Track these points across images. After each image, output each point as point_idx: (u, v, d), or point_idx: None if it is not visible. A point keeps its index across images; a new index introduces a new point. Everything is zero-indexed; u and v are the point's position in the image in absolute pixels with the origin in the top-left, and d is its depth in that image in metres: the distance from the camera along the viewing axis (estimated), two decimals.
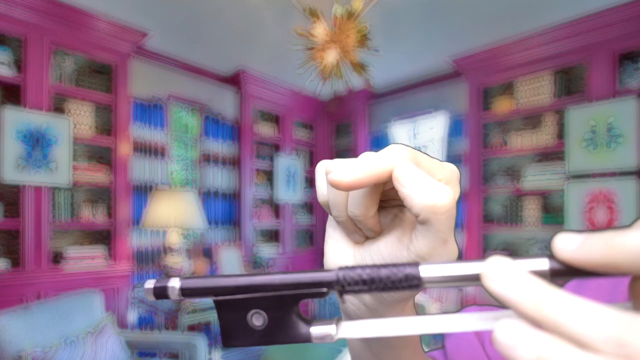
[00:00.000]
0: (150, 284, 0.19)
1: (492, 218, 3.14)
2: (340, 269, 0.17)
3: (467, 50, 3.02)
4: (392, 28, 2.69)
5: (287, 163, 3.90)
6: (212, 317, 2.44)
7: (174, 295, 0.19)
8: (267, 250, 3.74)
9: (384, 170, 0.20)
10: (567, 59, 2.68)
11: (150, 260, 3.00)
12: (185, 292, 0.18)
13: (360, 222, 0.24)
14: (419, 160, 0.21)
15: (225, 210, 3.56)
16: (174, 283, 0.18)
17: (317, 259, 4.22)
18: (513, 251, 3.02)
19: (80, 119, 2.57)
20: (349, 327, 0.18)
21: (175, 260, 2.65)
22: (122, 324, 2.53)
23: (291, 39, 2.24)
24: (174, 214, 2.53)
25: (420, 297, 3.12)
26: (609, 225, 2.42)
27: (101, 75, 2.70)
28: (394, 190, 0.21)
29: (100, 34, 2.58)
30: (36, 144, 2.30)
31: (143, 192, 2.95)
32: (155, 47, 2.98)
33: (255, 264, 3.52)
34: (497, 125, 3.12)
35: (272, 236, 3.96)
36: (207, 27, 2.73)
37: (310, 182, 4.31)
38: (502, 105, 3.00)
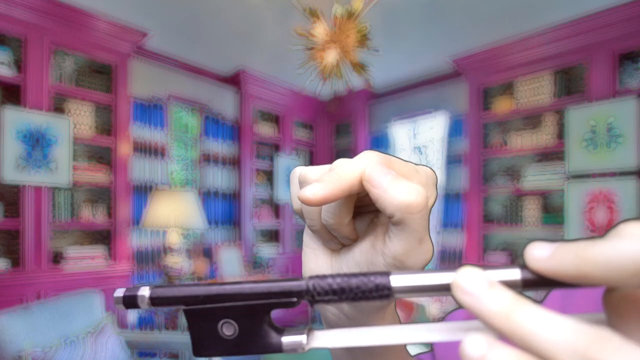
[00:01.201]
0: (119, 292, 0.19)
1: (492, 218, 3.14)
2: (311, 277, 0.17)
3: (467, 50, 3.02)
4: (392, 28, 2.69)
5: (287, 163, 3.90)
6: None
7: (143, 304, 0.18)
8: (267, 250, 3.74)
9: (355, 178, 0.20)
10: (567, 59, 2.68)
11: (150, 260, 3.00)
12: (155, 302, 0.18)
13: (335, 230, 0.23)
14: (392, 165, 0.21)
15: (225, 210, 3.56)
16: (144, 292, 0.18)
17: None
18: (513, 251, 3.03)
19: (80, 119, 2.57)
20: (322, 337, 0.17)
21: (175, 260, 2.65)
22: (122, 324, 2.53)
23: (291, 39, 2.24)
24: (174, 214, 2.53)
25: (421, 298, 3.12)
26: (609, 225, 2.42)
27: (101, 75, 2.70)
28: (369, 196, 0.20)
29: (100, 34, 2.58)
30: (36, 144, 2.30)
31: (143, 192, 2.95)
32: (155, 47, 2.98)
33: (255, 264, 3.53)
34: (497, 125, 3.12)
35: (272, 236, 3.96)
36: (207, 27, 2.73)
37: None
38: (502, 105, 3.00)
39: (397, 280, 0.16)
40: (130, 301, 0.18)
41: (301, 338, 0.17)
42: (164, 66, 3.13)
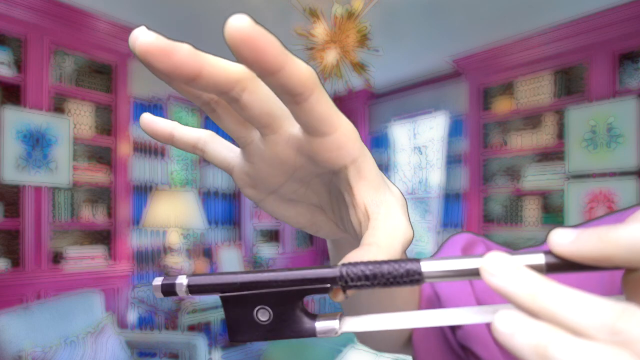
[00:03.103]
0: (158, 281, 0.19)
1: (492, 218, 3.14)
2: (344, 265, 0.18)
3: (467, 50, 3.02)
4: (392, 28, 2.69)
5: None
6: (212, 317, 2.44)
7: (181, 292, 0.19)
8: (267, 250, 3.74)
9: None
10: (567, 59, 2.68)
11: (150, 260, 3.00)
12: (193, 290, 0.19)
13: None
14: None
15: (225, 210, 3.56)
16: (182, 280, 0.19)
17: (317, 259, 4.22)
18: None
19: (80, 119, 2.57)
20: (352, 322, 0.18)
21: (175, 260, 2.65)
22: (122, 324, 2.53)
23: (291, 39, 2.24)
24: (174, 214, 2.54)
25: None
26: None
27: (101, 75, 2.70)
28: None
29: (100, 34, 2.58)
30: (36, 144, 2.30)
31: (143, 192, 2.95)
32: None
33: (255, 264, 3.52)
34: (497, 125, 3.12)
35: (272, 236, 3.96)
36: (207, 27, 2.73)
37: None
38: (502, 105, 3.00)
39: (428, 266, 0.17)
40: (168, 289, 0.19)
41: (334, 323, 0.18)
42: None
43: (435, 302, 0.36)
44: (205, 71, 0.18)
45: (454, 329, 0.36)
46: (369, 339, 0.40)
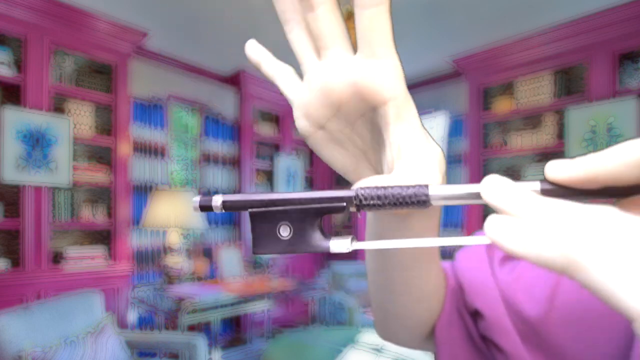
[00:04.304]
0: (196, 200, 0.22)
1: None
2: (360, 187, 0.19)
3: (467, 50, 3.02)
4: (392, 28, 2.68)
5: (287, 163, 3.90)
6: (212, 317, 2.44)
7: (217, 208, 0.21)
8: None
9: None
10: (567, 59, 2.68)
11: (150, 260, 3.00)
12: (227, 206, 0.21)
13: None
14: None
15: None
16: (217, 199, 0.21)
17: (317, 259, 4.22)
18: None
19: (80, 119, 2.57)
20: (362, 243, 0.21)
21: (175, 260, 2.65)
22: (122, 324, 2.53)
23: None
24: (174, 214, 2.53)
25: None
26: None
27: (101, 75, 2.70)
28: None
29: (100, 34, 2.58)
30: (36, 144, 2.30)
31: (143, 192, 2.95)
32: (155, 47, 2.98)
33: (256, 264, 3.53)
34: (497, 125, 3.12)
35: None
36: (207, 27, 2.73)
37: (311, 181, 4.31)
38: (502, 105, 3.00)
39: (435, 190, 0.18)
40: (205, 206, 0.22)
41: (346, 241, 0.20)
42: (164, 66, 3.13)
43: (459, 293, 0.38)
44: None
45: (476, 321, 0.36)
46: (392, 335, 0.41)
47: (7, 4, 2.19)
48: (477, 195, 0.17)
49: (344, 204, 0.20)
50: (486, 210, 3.15)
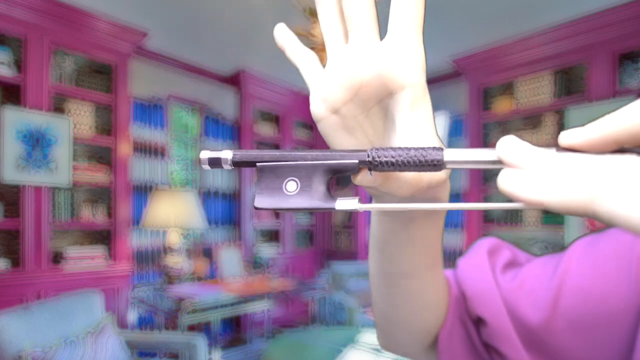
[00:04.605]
0: (205, 154, 0.21)
1: (492, 218, 3.14)
2: (373, 148, 0.19)
3: (467, 50, 3.02)
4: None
5: None
6: (212, 317, 2.44)
7: (226, 164, 0.21)
8: (267, 250, 3.74)
9: None
10: (567, 59, 2.68)
11: (150, 260, 3.00)
12: (236, 161, 0.21)
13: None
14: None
15: (225, 210, 3.56)
16: (227, 155, 0.21)
17: (317, 259, 4.22)
18: None
19: (80, 119, 2.57)
20: (368, 205, 0.20)
21: (175, 260, 2.65)
22: (122, 324, 2.53)
23: None
24: (174, 214, 2.54)
25: None
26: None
27: (101, 75, 2.70)
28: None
29: (100, 34, 2.58)
30: (36, 144, 2.30)
31: (143, 192, 2.95)
32: (155, 47, 2.98)
33: (256, 264, 3.53)
34: (497, 125, 3.12)
35: (272, 236, 3.96)
36: (207, 27, 2.73)
37: None
38: (502, 105, 3.00)
39: (449, 153, 0.18)
40: (214, 161, 0.21)
41: (353, 201, 0.20)
42: (164, 66, 3.13)
43: (461, 301, 0.38)
44: None
45: (479, 328, 0.36)
46: (393, 344, 0.41)
47: (7, 4, 2.19)
48: (494, 160, 0.17)
49: (356, 161, 0.19)
50: (486, 211, 3.15)
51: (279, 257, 3.83)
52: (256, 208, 0.21)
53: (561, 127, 2.71)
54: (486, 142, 3.13)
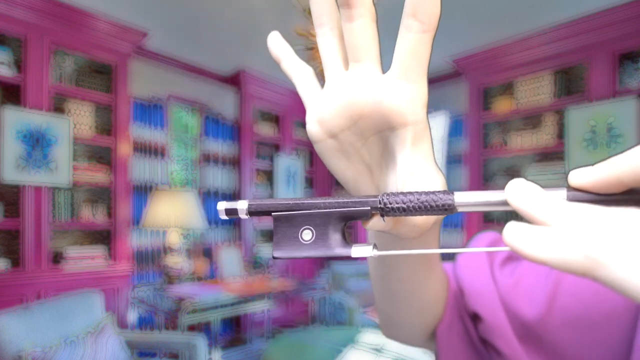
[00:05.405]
0: (221, 205, 0.22)
1: (492, 218, 3.14)
2: (384, 194, 0.20)
3: (467, 50, 3.02)
4: (392, 28, 2.68)
5: (287, 163, 3.90)
6: (212, 317, 2.44)
7: (242, 214, 0.22)
8: (267, 250, 3.74)
9: None
10: (567, 59, 2.68)
11: (150, 260, 3.00)
12: (252, 211, 0.22)
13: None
14: None
15: None
16: (243, 203, 0.22)
17: (317, 259, 4.22)
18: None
19: (80, 119, 2.57)
20: (384, 251, 0.21)
21: (175, 260, 2.65)
22: (122, 324, 2.53)
23: (291, 39, 2.23)
24: (174, 214, 2.54)
25: None
26: None
27: (101, 75, 2.70)
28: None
29: (100, 34, 2.58)
30: (36, 144, 2.30)
31: (143, 192, 2.95)
32: (155, 47, 2.98)
33: (256, 264, 3.53)
34: (497, 125, 3.12)
35: (272, 236, 3.95)
36: (207, 27, 2.73)
37: (311, 182, 4.31)
38: (502, 105, 3.00)
39: (460, 196, 0.18)
40: (230, 212, 0.22)
41: (368, 248, 0.20)
42: (164, 66, 3.13)
43: (459, 296, 0.38)
44: None
45: (476, 324, 0.37)
46: (395, 335, 0.42)
47: (7, 4, 2.19)
48: (503, 202, 0.17)
49: (369, 208, 0.20)
50: (486, 212, 3.15)
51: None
52: (274, 258, 0.21)
53: (561, 127, 2.71)
54: (486, 142, 3.13)
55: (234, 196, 3.63)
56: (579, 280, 0.30)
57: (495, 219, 3.11)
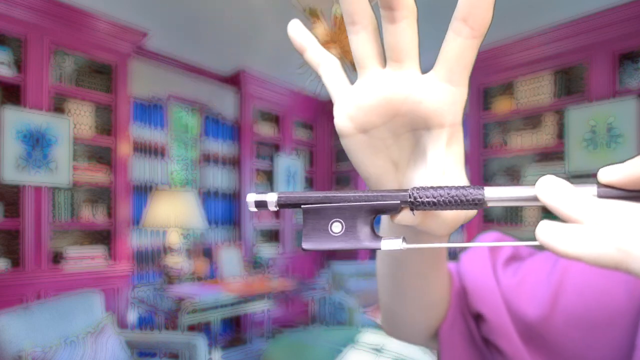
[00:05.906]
0: (251, 197, 0.22)
1: (492, 218, 3.14)
2: (415, 187, 0.20)
3: None
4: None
5: (287, 163, 3.90)
6: (212, 317, 2.44)
7: (272, 206, 0.22)
8: (267, 250, 3.75)
9: None
10: (567, 59, 2.68)
11: (150, 260, 3.00)
12: (281, 203, 0.22)
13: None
14: None
15: (225, 210, 3.56)
16: (272, 197, 0.22)
17: (317, 259, 4.22)
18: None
19: (80, 119, 2.57)
20: (413, 244, 0.21)
21: (175, 260, 2.65)
22: (122, 324, 2.53)
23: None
24: (174, 214, 2.54)
25: None
26: None
27: (101, 75, 2.70)
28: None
29: (100, 34, 2.58)
30: (36, 144, 2.30)
31: (143, 192, 2.95)
32: (155, 47, 2.98)
33: (256, 264, 3.53)
34: (497, 125, 3.12)
35: (272, 236, 3.96)
36: (207, 27, 2.73)
37: (311, 182, 4.31)
38: (502, 105, 3.00)
39: (490, 191, 0.18)
40: (260, 204, 0.22)
41: (398, 241, 0.20)
42: (164, 66, 3.13)
43: (462, 295, 0.38)
44: None
45: (478, 323, 0.37)
46: (397, 333, 0.42)
47: (7, 4, 2.19)
48: (533, 198, 0.17)
49: (398, 202, 0.20)
50: (486, 211, 3.15)
51: (279, 257, 3.83)
52: (304, 250, 0.21)
53: (561, 127, 2.71)
54: (486, 142, 3.13)
55: (234, 196, 3.63)
56: (582, 280, 0.30)
57: (496, 219, 3.11)
